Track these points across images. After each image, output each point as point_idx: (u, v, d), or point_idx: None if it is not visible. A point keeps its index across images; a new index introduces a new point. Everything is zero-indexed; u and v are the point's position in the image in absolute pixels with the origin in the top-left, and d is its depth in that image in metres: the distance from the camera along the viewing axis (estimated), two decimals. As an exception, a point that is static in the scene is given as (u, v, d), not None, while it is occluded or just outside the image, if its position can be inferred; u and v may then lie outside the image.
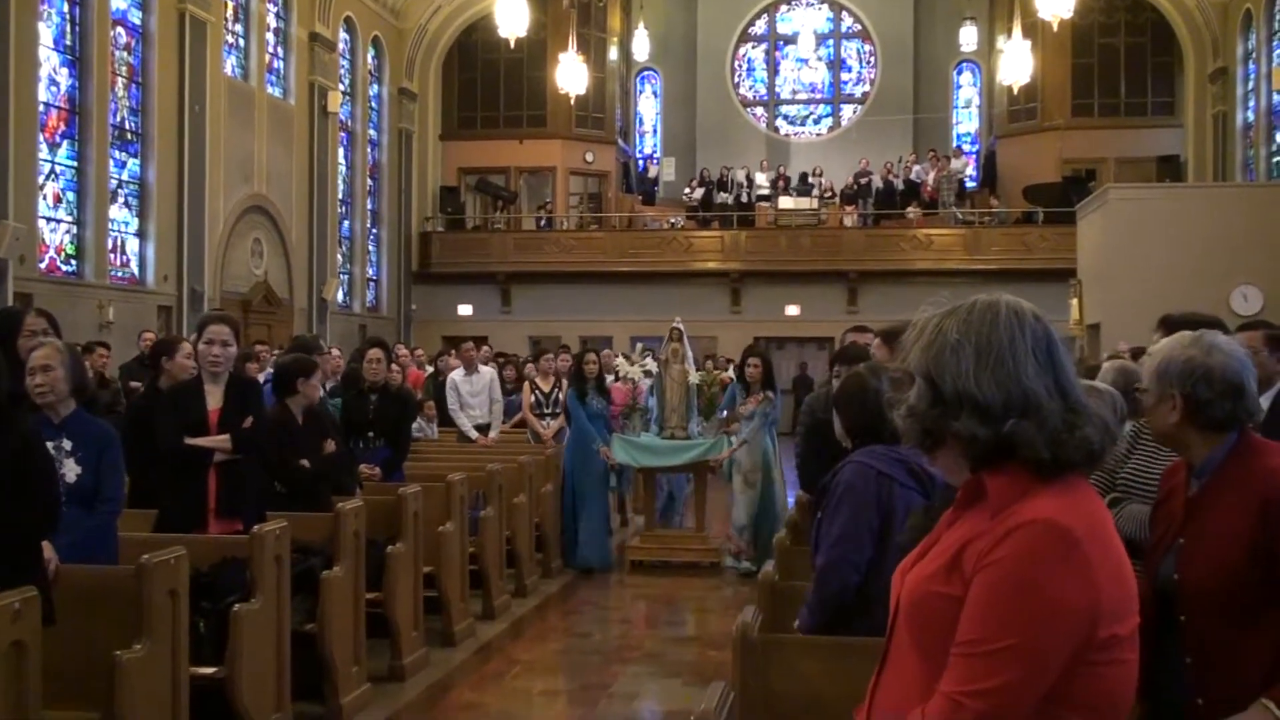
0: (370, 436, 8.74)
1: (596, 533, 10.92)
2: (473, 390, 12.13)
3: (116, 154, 18.78)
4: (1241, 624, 2.88)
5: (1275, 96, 23.36)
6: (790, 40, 33.12)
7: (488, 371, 12.55)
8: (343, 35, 26.11)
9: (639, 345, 14.62)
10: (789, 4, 33.64)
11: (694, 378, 11.02)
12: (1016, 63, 25.60)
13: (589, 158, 30.60)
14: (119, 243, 18.95)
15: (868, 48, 33.21)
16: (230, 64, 21.87)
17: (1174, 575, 2.99)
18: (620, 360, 11.96)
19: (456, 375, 12.37)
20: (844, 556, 4.03)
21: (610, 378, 11.99)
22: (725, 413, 11.02)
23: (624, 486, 12.70)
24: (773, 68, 33.77)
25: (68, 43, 17.72)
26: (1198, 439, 3.02)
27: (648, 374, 11.51)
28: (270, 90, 23.22)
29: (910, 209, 28.69)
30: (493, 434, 11.99)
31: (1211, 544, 2.93)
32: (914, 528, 3.46)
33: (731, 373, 11.24)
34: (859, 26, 33.15)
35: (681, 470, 11.15)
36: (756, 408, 10.48)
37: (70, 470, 4.98)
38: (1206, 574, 2.92)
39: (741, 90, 33.70)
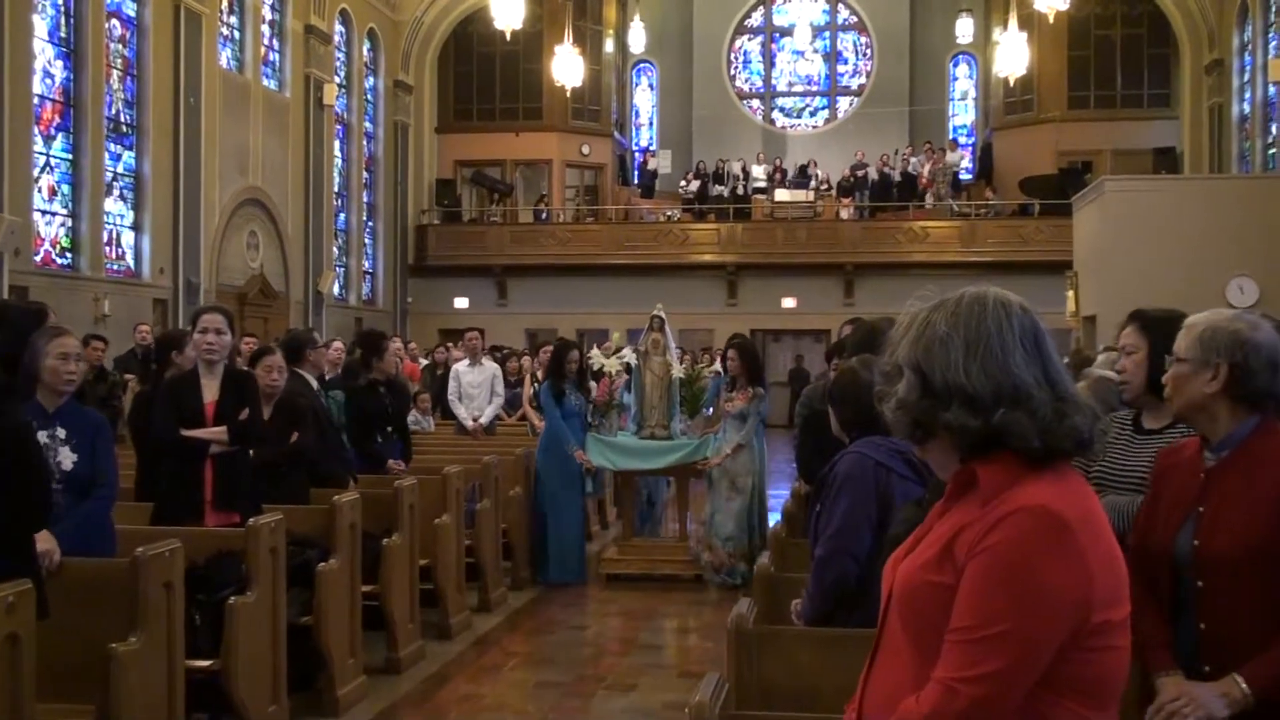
0: (389, 431, 8.76)
1: (571, 544, 9.98)
2: (474, 382, 12.01)
3: (111, 146, 18.74)
4: (1259, 595, 2.90)
5: (1271, 88, 23.35)
6: (786, 32, 33.07)
7: (491, 365, 12.45)
8: (338, 28, 26.07)
9: (615, 334, 13.71)
10: (785, -4, 33.67)
11: (677, 371, 9.95)
12: (1012, 55, 25.57)
13: (585, 150, 30.59)
14: (114, 235, 18.92)
15: (864, 40, 33.20)
16: (225, 56, 21.82)
17: (1193, 542, 3.00)
18: (595, 353, 10.99)
19: (460, 366, 12.29)
20: (843, 548, 4.03)
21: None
22: (710, 410, 10.20)
23: (598, 491, 11.39)
24: (769, 60, 33.74)
25: (62, 35, 17.68)
26: (1227, 412, 3.03)
27: (626, 368, 10.46)
28: (265, 83, 23.19)
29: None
30: (484, 419, 11.88)
31: (1236, 515, 2.95)
32: (905, 520, 3.45)
33: (719, 365, 10.17)
34: (855, 19, 33.13)
35: (663, 474, 10.09)
36: (747, 405, 9.46)
37: (66, 459, 4.99)
38: (1229, 543, 2.93)
39: (738, 82, 33.67)
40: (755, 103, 33.64)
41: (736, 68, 33.77)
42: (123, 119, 19.09)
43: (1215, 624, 2.96)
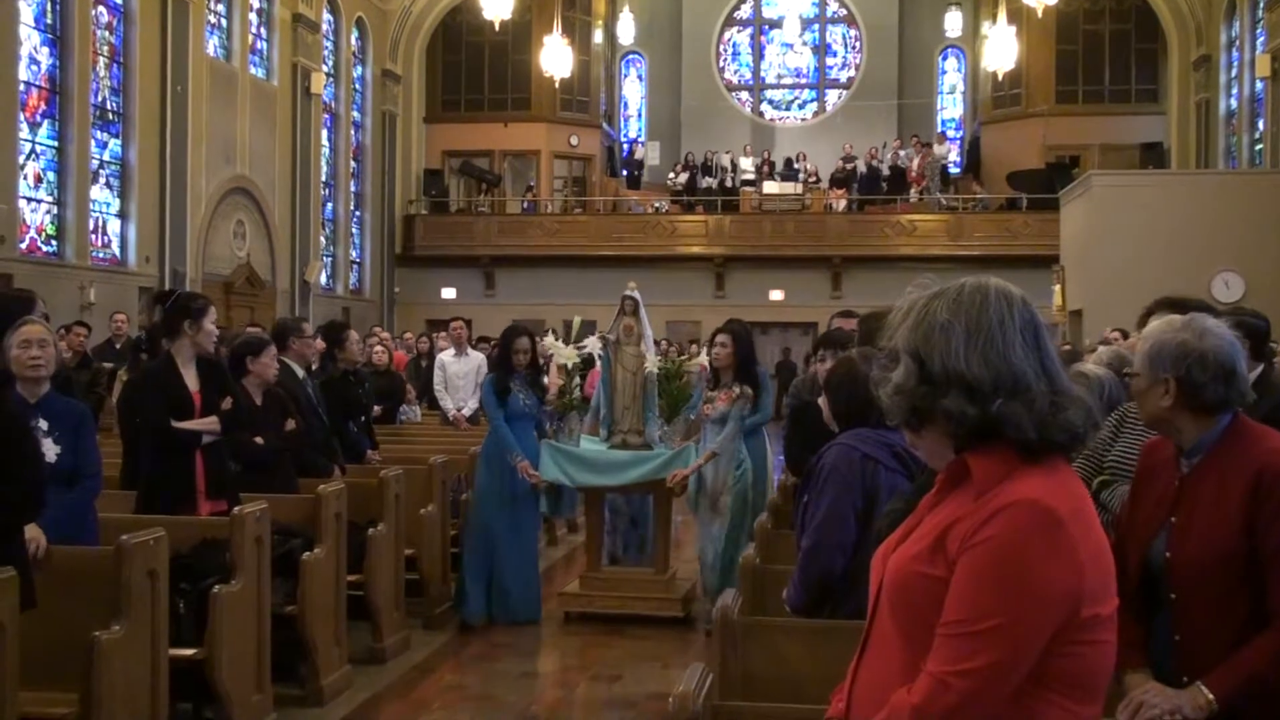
0: (363, 420, 8.78)
1: (523, 575, 8.26)
2: (459, 372, 11.91)
3: (98, 134, 18.65)
4: (1231, 604, 2.90)
5: (1258, 84, 23.40)
6: (775, 24, 33.05)
7: (477, 355, 12.39)
8: (326, 16, 25.96)
9: (576, 319, 11.43)
10: (774, -12, 33.64)
11: (652, 364, 8.20)
12: (1001, 49, 25.61)
13: (573, 141, 30.53)
14: (100, 223, 18.84)
15: (853, 33, 33.18)
16: (213, 44, 21.72)
17: (1165, 554, 2.99)
18: (550, 339, 9.18)
19: (446, 355, 12.19)
20: (828, 540, 4.02)
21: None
22: (694, 414, 8.75)
23: (564, 511, 9.53)
24: (758, 52, 33.71)
25: (48, 21, 17.57)
26: (1190, 422, 3.02)
27: (588, 362, 8.74)
28: (253, 71, 23.09)
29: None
30: (465, 410, 11.77)
31: (1205, 524, 2.94)
32: (892, 512, 3.45)
33: (705, 358, 8.53)
34: (844, 11, 33.11)
35: (633, 490, 8.32)
36: (729, 407, 7.84)
37: (50, 450, 4.96)
38: (1199, 553, 2.93)
39: (726, 74, 33.64)
40: (744, 95, 33.62)
41: (725, 60, 33.74)
42: (109, 106, 18.99)
43: (1190, 635, 2.96)
